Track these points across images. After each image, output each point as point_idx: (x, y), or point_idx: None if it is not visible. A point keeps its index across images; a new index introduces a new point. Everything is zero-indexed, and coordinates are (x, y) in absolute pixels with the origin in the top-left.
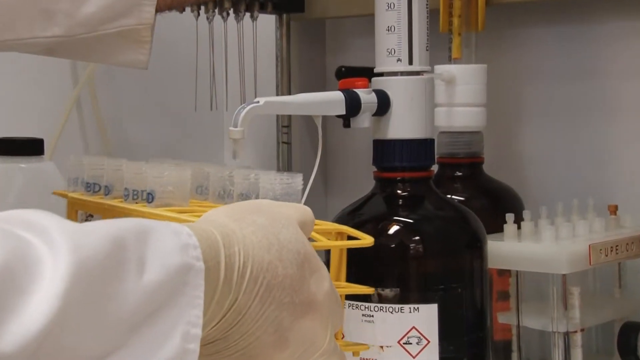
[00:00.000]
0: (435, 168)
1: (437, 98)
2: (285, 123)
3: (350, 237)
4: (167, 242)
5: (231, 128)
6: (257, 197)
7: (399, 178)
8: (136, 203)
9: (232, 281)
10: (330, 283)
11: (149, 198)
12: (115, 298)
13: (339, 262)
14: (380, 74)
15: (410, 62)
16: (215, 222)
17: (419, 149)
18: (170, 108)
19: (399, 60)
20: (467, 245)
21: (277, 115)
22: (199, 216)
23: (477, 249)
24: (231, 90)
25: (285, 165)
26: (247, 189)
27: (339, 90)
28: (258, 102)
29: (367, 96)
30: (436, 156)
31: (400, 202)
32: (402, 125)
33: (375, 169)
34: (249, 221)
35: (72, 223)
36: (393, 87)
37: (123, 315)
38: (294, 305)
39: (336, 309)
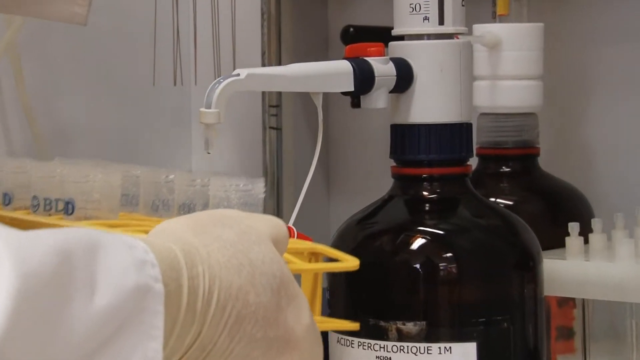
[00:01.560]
0: (473, 162)
1: (476, 69)
2: (273, 103)
3: (329, 260)
4: (120, 258)
5: (202, 110)
6: (205, 208)
7: (425, 175)
8: (49, 215)
9: (195, 309)
10: (311, 315)
11: (68, 209)
12: (62, 325)
13: (313, 290)
14: (401, 37)
15: (441, 22)
16: (173, 236)
17: (452, 137)
18: (120, 83)
19: (425, 18)
20: (517, 265)
21: (264, 93)
22: (135, 232)
23: (530, 270)
24: (201, 59)
25: (274, 157)
26: (190, 198)
27: (346, 58)
28: (238, 75)
29: (382, 67)
30: (475, 146)
31: (427, 208)
32: (430, 105)
33: (394, 164)
34: (214, 236)
35: (13, 230)
36: (418, 54)
37: (70, 347)
38: (268, 341)
39: (317, 349)
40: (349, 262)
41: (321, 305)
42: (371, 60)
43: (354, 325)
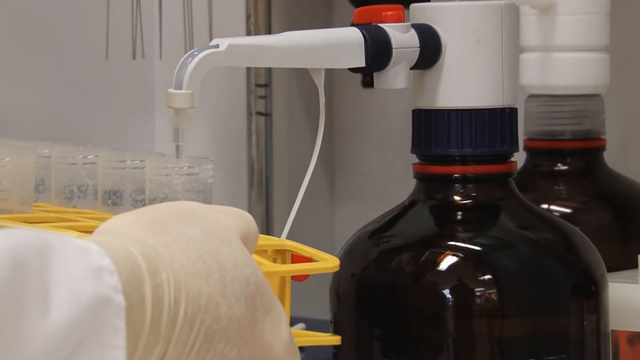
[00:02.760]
0: (519, 158)
1: (524, 39)
2: (261, 81)
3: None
4: (74, 264)
5: (171, 91)
6: (138, 197)
7: (456, 175)
8: None
9: (160, 325)
10: (289, 328)
11: None
12: (16, 346)
13: (280, 297)
14: None
15: None
16: (127, 236)
17: (491, 126)
18: (66, 56)
19: None
20: (575, 290)
21: (249, 69)
22: (58, 228)
23: (592, 297)
24: (168, 26)
25: (263, 151)
26: (118, 183)
27: (355, 25)
28: (217, 46)
29: (402, 36)
30: (522, 138)
31: (460, 217)
32: (463, 85)
33: (417, 160)
34: (175, 234)
35: None
36: (447, 19)
37: None
38: None
39: None
40: (328, 262)
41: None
42: (387, 27)
43: (335, 339)
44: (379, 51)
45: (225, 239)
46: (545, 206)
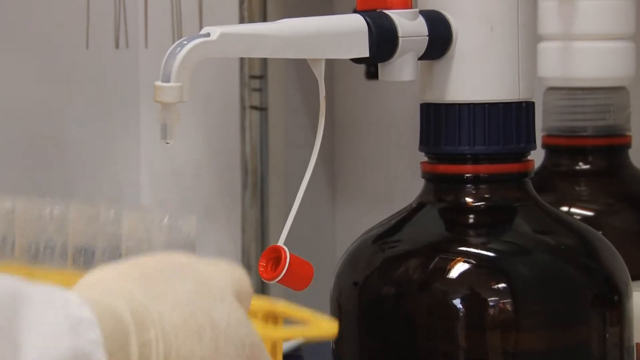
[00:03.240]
0: (537, 156)
1: (542, 26)
2: (256, 73)
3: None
4: (49, 315)
5: (158, 84)
6: (114, 253)
7: (468, 175)
8: None
9: None
10: None
11: None
12: None
13: None
14: None
15: None
16: (113, 291)
17: (506, 122)
18: (42, 44)
19: None
20: (596, 300)
21: (243, 60)
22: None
23: (615, 307)
24: (154, 13)
25: (257, 148)
26: (90, 239)
27: (358, 11)
28: (208, 34)
29: (409, 23)
30: (540, 134)
31: (472, 220)
32: (475, 76)
33: (425, 159)
34: (165, 289)
35: None
36: (458, 6)
37: None
38: None
39: None
40: (323, 326)
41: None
42: (393, 13)
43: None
44: (384, 40)
45: (218, 296)
46: (564, 209)
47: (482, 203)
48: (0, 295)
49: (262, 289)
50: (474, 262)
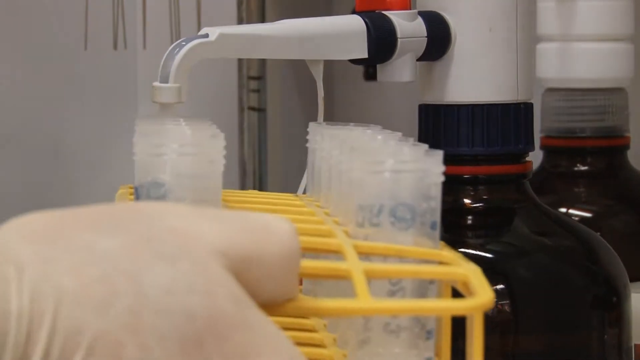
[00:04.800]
0: (535, 158)
1: (541, 27)
2: (254, 74)
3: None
4: None
5: (157, 84)
6: None
7: (467, 176)
8: None
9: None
10: None
11: None
12: None
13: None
14: None
15: None
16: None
17: (504, 123)
18: (41, 45)
19: None
20: (594, 301)
21: (241, 61)
22: None
23: (613, 308)
24: (153, 14)
25: (256, 149)
26: None
27: (356, 12)
28: (206, 35)
29: (408, 24)
30: (539, 135)
31: (470, 221)
32: (474, 77)
33: None
34: (76, 245)
35: None
36: (457, 7)
37: None
38: None
39: None
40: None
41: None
42: (392, 14)
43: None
44: (382, 41)
45: (170, 254)
46: (563, 210)
47: (480, 204)
48: None
49: None
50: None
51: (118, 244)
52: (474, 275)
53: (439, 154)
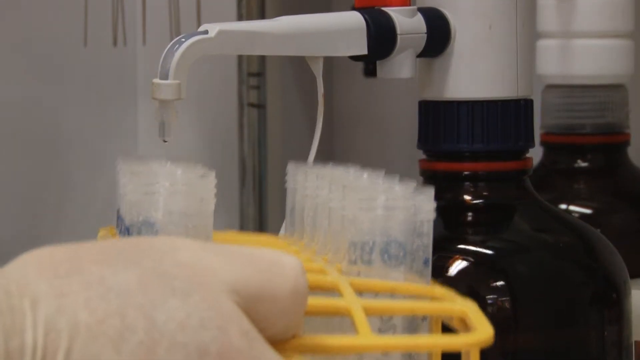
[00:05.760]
0: (535, 154)
1: (540, 23)
2: (254, 70)
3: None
4: None
5: (156, 81)
6: None
7: (467, 173)
8: None
9: None
10: None
11: None
12: None
13: None
14: None
15: None
16: (12, 275)
17: (504, 119)
18: (40, 42)
19: None
20: (594, 298)
21: (241, 57)
22: None
23: (613, 305)
24: (152, 11)
25: (255, 146)
26: None
27: (356, 8)
28: (206, 32)
29: (407, 20)
30: (539, 132)
31: (470, 218)
32: (474, 74)
33: (423, 156)
34: (91, 278)
35: None
36: (457, 3)
37: None
38: None
39: None
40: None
41: None
42: (392, 11)
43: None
44: (382, 37)
45: (182, 290)
46: (563, 207)
47: (480, 201)
48: None
49: None
50: (472, 260)
51: (131, 279)
52: (471, 311)
53: (430, 191)
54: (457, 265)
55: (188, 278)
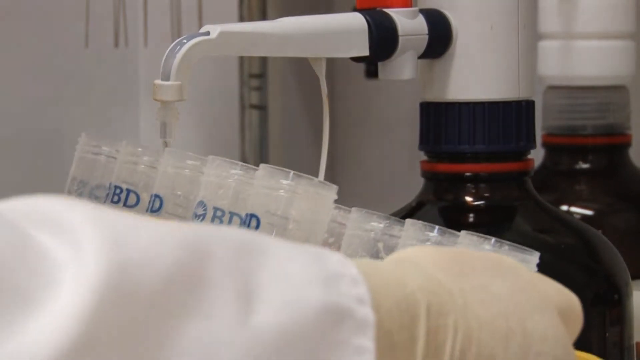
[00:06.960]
0: (537, 155)
1: (542, 25)
2: (256, 72)
3: None
4: (298, 268)
5: (158, 82)
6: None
7: (468, 174)
8: None
9: None
10: None
11: None
12: (177, 344)
13: None
14: None
15: None
16: (414, 269)
17: (506, 121)
18: (41, 44)
19: None
20: (595, 299)
21: (242, 59)
22: None
23: (615, 306)
24: (154, 12)
25: (257, 147)
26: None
27: (357, 9)
28: (207, 33)
29: (409, 22)
30: (540, 133)
31: (472, 219)
32: (475, 75)
33: (424, 158)
34: (477, 284)
35: (119, 216)
36: (458, 4)
37: None
38: None
39: None
40: None
41: None
42: (393, 12)
43: None
44: (384, 39)
45: (538, 306)
46: (564, 208)
47: (482, 202)
48: (231, 242)
49: None
50: None
51: (504, 289)
52: None
53: None
54: None
55: (538, 296)
